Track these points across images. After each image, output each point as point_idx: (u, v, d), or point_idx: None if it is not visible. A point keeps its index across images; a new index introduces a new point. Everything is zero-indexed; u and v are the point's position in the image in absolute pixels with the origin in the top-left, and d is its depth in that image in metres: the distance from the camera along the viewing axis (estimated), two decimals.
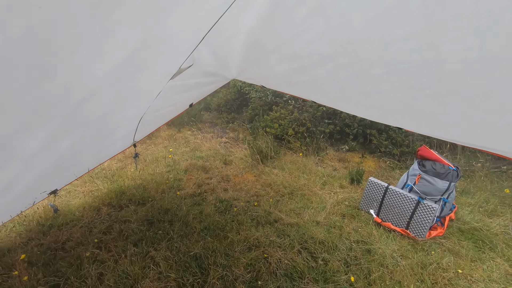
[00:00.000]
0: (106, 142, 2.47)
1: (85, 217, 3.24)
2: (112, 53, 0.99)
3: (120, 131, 2.49)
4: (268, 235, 2.95)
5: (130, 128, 2.67)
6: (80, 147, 1.92)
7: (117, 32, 0.87)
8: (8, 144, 1.07)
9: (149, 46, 1.15)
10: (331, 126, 5.56)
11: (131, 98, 1.77)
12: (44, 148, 1.36)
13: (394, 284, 2.38)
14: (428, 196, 3.03)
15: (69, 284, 2.32)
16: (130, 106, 1.96)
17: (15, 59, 0.71)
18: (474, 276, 2.49)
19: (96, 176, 4.29)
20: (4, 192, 1.52)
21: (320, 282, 2.37)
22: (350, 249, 2.78)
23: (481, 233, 3.06)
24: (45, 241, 2.83)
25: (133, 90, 1.62)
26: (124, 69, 1.20)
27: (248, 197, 3.76)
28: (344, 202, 3.66)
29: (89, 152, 2.33)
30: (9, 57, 0.70)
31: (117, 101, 1.63)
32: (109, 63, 1.05)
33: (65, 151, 1.66)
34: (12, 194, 1.69)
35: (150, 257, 2.62)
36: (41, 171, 1.69)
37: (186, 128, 6.79)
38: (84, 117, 1.44)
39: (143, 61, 1.28)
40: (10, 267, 2.46)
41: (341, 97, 2.03)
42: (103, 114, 1.65)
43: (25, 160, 1.31)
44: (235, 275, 2.42)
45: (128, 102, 1.78)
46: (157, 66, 1.51)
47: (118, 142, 2.81)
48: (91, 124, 1.65)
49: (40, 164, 1.55)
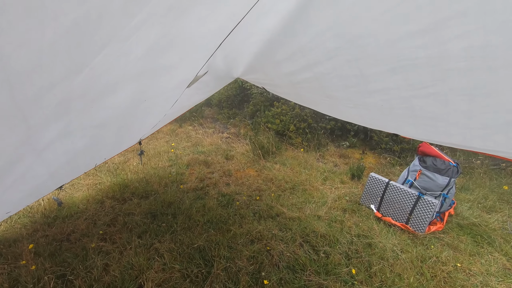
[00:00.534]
0: (122, 145, 2.50)
1: (89, 210, 3.27)
2: (136, 52, 1.01)
3: (136, 136, 2.52)
4: (270, 229, 2.99)
5: (144, 131, 2.69)
6: (97, 147, 1.95)
7: (142, 31, 0.89)
8: (33, 137, 1.09)
9: (169, 48, 1.17)
10: (332, 122, 5.59)
11: (149, 103, 1.78)
12: (63, 146, 1.38)
13: (394, 276, 2.43)
14: (428, 192, 3.08)
15: (75, 274, 2.36)
16: (148, 113, 1.98)
17: (58, 51, 0.73)
18: (473, 269, 2.54)
19: (99, 169, 4.31)
20: (16, 186, 1.54)
21: (322, 274, 2.42)
22: (351, 243, 2.83)
23: (479, 229, 3.11)
24: (50, 232, 2.87)
25: (150, 94, 1.64)
26: (144, 70, 1.22)
27: (250, 192, 3.80)
28: (345, 197, 3.70)
29: (104, 155, 2.35)
30: (53, 49, 0.72)
31: (137, 104, 1.65)
32: (131, 62, 1.07)
33: (80, 150, 1.68)
34: (24, 190, 1.71)
35: (154, 248, 2.66)
36: (56, 168, 1.70)
37: (188, 123, 6.81)
38: (105, 117, 1.46)
39: (162, 63, 1.29)
40: (17, 257, 2.50)
41: (343, 96, 2.03)
42: (122, 116, 1.67)
43: (43, 155, 1.33)
44: (238, 267, 2.47)
45: (145, 106, 1.80)
46: (175, 71, 1.52)
47: (128, 141, 2.84)
48: (111, 125, 1.67)
49: (55, 161, 1.57)
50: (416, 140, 5.10)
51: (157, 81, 1.50)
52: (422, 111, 1.62)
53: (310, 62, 1.81)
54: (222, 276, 2.37)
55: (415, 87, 1.46)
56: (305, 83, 2.14)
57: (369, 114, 2.04)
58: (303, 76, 2.05)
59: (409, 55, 1.30)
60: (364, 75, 1.62)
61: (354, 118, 2.41)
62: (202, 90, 2.74)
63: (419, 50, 1.24)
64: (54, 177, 1.78)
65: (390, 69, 1.44)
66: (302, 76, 2.05)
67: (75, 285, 2.25)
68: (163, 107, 2.19)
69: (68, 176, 2.32)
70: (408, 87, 1.50)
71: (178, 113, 3.53)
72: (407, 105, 1.65)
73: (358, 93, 1.85)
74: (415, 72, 1.36)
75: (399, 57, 1.34)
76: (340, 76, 1.77)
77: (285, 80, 2.32)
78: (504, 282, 2.41)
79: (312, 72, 1.90)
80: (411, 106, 1.63)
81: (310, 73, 1.94)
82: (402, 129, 2.05)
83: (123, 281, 2.29)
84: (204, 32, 1.27)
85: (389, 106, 1.77)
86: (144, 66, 1.19)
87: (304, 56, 1.76)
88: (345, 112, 2.30)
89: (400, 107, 1.71)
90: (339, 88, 1.92)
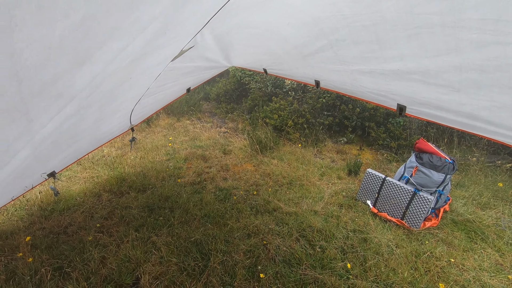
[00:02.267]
0: (105, 123, 2.48)
1: (86, 203, 3.27)
2: (135, 37, 1.01)
3: (118, 113, 2.50)
4: (267, 223, 3.01)
5: (128, 109, 2.68)
6: (80, 127, 1.93)
7: (141, 18, 0.89)
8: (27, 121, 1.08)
9: (164, 31, 1.16)
10: (330, 118, 5.59)
11: (133, 80, 1.78)
12: (48, 125, 1.37)
13: (388, 271, 2.46)
14: (424, 188, 3.11)
15: (73, 267, 2.37)
16: (131, 88, 1.97)
17: (65, 46, 0.74)
18: (466, 265, 2.58)
19: (96, 162, 4.30)
20: (3, 169, 1.53)
21: (317, 268, 2.45)
22: (347, 238, 2.86)
23: (473, 225, 3.15)
24: (47, 225, 2.87)
25: (136, 72, 1.63)
26: (138, 52, 1.21)
27: (247, 186, 3.81)
28: (341, 192, 3.73)
29: (88, 133, 2.33)
30: (62, 45, 0.72)
31: (122, 83, 1.64)
32: (128, 47, 1.06)
33: (65, 130, 1.67)
34: (11, 172, 1.70)
35: (151, 242, 2.67)
36: (41, 150, 1.70)
37: (185, 118, 6.78)
38: (89, 96, 1.45)
39: (156, 45, 1.29)
40: (14, 249, 2.51)
41: (358, 62, 1.98)
42: (108, 94, 1.66)
43: (31, 137, 1.32)
44: (235, 260, 2.49)
45: (129, 83, 1.79)
46: (164, 50, 1.52)
47: (115, 124, 2.82)
48: (94, 104, 1.66)
49: (40, 142, 1.56)
50: (412, 137, 5.12)
51: (145, 61, 1.50)
52: (437, 77, 1.59)
53: (325, 31, 1.79)
54: (218, 269, 2.39)
55: (430, 54, 1.43)
56: (318, 52, 2.12)
57: (384, 79, 1.99)
58: (317, 46, 2.04)
59: (425, 22, 1.27)
60: (380, 40, 1.60)
61: (368, 85, 2.32)
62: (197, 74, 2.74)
63: (434, 16, 1.22)
64: (35, 154, 1.77)
65: (407, 35, 1.42)
66: (316, 45, 2.04)
67: (72, 277, 2.26)
68: (147, 81, 2.18)
69: (56, 161, 2.32)
70: (423, 53, 1.47)
71: (172, 94, 3.51)
72: (423, 70, 1.62)
73: (375, 59, 1.81)
74: (430, 39, 1.34)
75: (415, 23, 1.31)
76: (356, 42, 1.74)
77: (294, 52, 2.28)
78: (496, 277, 2.45)
79: (327, 39, 1.88)
80: (427, 71, 1.60)
81: (325, 41, 1.91)
82: (417, 95, 2.00)
83: (120, 274, 2.30)
84: (196, 11, 1.26)
85: (406, 71, 1.74)
86: (138, 52, 1.19)
87: (317, 25, 1.74)
88: (359, 80, 2.24)
89: (416, 72, 1.68)
90: (354, 54, 1.89)
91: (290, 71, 2.84)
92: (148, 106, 3.16)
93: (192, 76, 3.06)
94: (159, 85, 2.61)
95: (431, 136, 5.26)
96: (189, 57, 2.33)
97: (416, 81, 1.77)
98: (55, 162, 2.43)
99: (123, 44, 0.98)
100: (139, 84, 2.08)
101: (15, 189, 2.23)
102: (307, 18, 1.72)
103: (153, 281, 2.26)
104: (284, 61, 2.60)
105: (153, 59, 1.60)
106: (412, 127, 5.44)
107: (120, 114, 2.60)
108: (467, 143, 5.17)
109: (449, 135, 5.23)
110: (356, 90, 2.34)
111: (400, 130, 5.18)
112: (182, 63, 2.43)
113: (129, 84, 1.80)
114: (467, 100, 1.60)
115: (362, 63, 1.94)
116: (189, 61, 2.52)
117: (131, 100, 2.38)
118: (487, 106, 1.52)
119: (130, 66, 1.35)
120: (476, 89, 1.45)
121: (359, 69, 2.06)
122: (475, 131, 1.79)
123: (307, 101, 5.89)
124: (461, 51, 1.28)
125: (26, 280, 2.19)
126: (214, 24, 1.81)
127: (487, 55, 1.20)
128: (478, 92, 1.46)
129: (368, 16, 1.46)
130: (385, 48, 1.63)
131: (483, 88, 1.41)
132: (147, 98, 2.69)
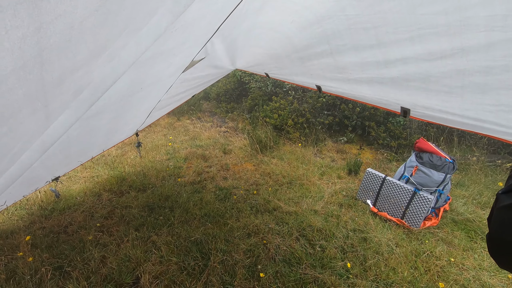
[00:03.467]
0: (116, 133, 2.49)
1: (87, 202, 3.28)
2: (146, 39, 1.01)
3: (131, 124, 2.51)
4: (267, 223, 3.01)
5: (139, 120, 2.68)
6: (93, 138, 1.94)
7: (151, 19, 0.89)
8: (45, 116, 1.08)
9: (170, 34, 1.16)
10: (330, 118, 5.59)
11: (145, 92, 1.77)
12: (60, 134, 1.38)
13: (388, 270, 2.46)
14: (424, 188, 3.10)
15: (73, 266, 2.37)
16: (144, 100, 1.97)
17: (86, 29, 0.74)
18: (466, 264, 2.58)
19: (96, 162, 4.30)
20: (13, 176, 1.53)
21: (317, 267, 2.45)
22: (346, 237, 2.86)
23: (473, 224, 3.15)
24: (47, 224, 2.87)
25: (147, 82, 1.63)
26: (146, 57, 1.21)
27: (247, 186, 3.81)
28: (341, 192, 3.73)
29: (98, 143, 2.35)
30: (82, 27, 0.72)
31: (133, 93, 1.64)
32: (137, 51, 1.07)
33: (76, 139, 1.67)
34: (20, 180, 1.70)
35: (151, 241, 2.68)
36: (53, 160, 1.70)
37: (185, 117, 6.78)
38: (104, 107, 1.45)
39: (163, 50, 1.29)
40: (14, 248, 2.51)
41: (357, 69, 1.95)
42: (120, 106, 1.66)
43: (43, 141, 1.32)
44: (235, 260, 2.49)
45: (141, 95, 1.79)
46: (175, 58, 1.51)
47: (124, 133, 2.84)
48: (106, 113, 1.66)
49: (52, 152, 1.56)
50: (413, 137, 5.12)
51: (155, 69, 1.49)
52: (438, 83, 1.56)
53: (326, 33, 1.77)
54: (218, 269, 2.39)
55: (433, 56, 1.40)
56: (315, 58, 2.10)
57: (382, 88, 1.96)
58: (315, 50, 2.02)
59: (429, 22, 1.24)
60: (381, 44, 1.57)
61: (365, 93, 2.30)
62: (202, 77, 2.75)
63: (439, 17, 1.19)
64: (45, 164, 1.77)
65: (409, 37, 1.39)
66: (314, 49, 2.02)
67: (72, 276, 2.26)
68: (158, 92, 2.17)
69: (60, 165, 2.32)
70: (426, 56, 1.44)
71: (178, 102, 3.52)
72: (423, 76, 1.59)
73: (375, 64, 1.77)
74: (434, 41, 1.31)
75: (419, 24, 1.28)
76: (356, 47, 1.72)
77: (295, 57, 2.27)
78: (496, 276, 2.46)
79: (328, 44, 1.86)
80: (427, 77, 1.58)
81: (325, 46, 1.89)
82: (418, 102, 1.98)
83: (120, 273, 2.31)
84: (205, 13, 1.25)
85: (405, 78, 1.72)
86: (148, 54, 1.18)
87: (319, 25, 1.72)
88: (355, 89, 2.23)
89: (416, 79, 1.66)
90: (354, 59, 1.85)
91: (291, 76, 2.84)
92: (154, 115, 3.17)
93: (200, 84, 3.06)
94: (170, 97, 2.60)
95: (431, 136, 5.26)
96: (200, 68, 2.31)
97: (417, 89, 1.73)
98: (63, 168, 2.43)
99: (137, 39, 0.98)
100: (151, 96, 2.07)
101: (18, 194, 2.23)
102: (311, 16, 1.70)
103: (153, 281, 2.27)
104: (284, 65, 2.59)
105: (164, 68, 1.59)
106: (412, 126, 5.44)
107: (132, 126, 2.60)
108: (467, 142, 5.17)
109: (449, 135, 5.23)
110: (358, 94, 2.33)
111: (400, 130, 5.18)
112: (192, 74, 2.42)
113: (141, 96, 1.79)
114: (470, 106, 1.56)
115: (361, 70, 1.91)
116: (199, 71, 2.50)
117: (143, 112, 2.38)
118: (492, 111, 1.49)
119: (143, 68, 1.35)
120: (481, 94, 1.41)
121: (358, 78, 2.02)
122: (484, 131, 1.74)
123: (307, 101, 5.88)
124: (466, 52, 1.25)
125: (26, 280, 2.20)
126: (224, 31, 1.79)
127: (494, 55, 1.17)
128: (483, 97, 1.42)
129: (369, 17, 1.44)
130: (386, 52, 1.60)
131: (489, 92, 1.37)
132: (158, 111, 2.69)
